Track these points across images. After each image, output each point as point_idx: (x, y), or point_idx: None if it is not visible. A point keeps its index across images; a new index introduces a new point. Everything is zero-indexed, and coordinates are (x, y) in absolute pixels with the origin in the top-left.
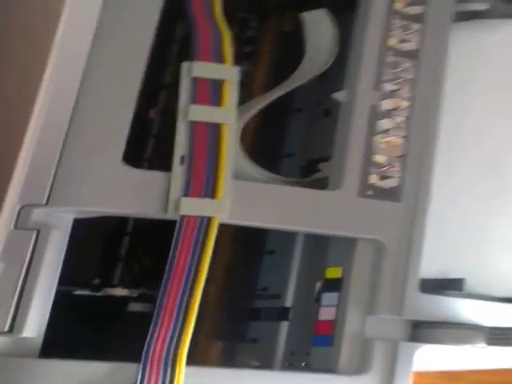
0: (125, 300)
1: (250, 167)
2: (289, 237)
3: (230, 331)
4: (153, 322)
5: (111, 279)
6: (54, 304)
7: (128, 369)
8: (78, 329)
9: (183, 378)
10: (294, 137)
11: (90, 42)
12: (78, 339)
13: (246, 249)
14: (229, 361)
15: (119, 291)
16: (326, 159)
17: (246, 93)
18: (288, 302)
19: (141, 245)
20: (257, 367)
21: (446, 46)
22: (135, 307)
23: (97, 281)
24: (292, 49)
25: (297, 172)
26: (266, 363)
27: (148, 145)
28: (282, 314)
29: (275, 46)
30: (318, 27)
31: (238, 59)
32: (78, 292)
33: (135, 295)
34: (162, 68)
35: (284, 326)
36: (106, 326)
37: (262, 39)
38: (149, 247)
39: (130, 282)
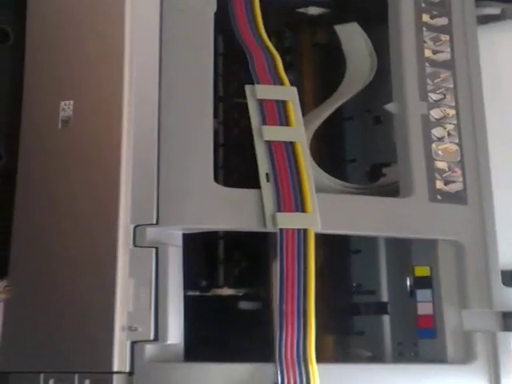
0: (233, 299)
1: (325, 178)
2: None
3: (338, 325)
4: (278, 327)
5: (216, 281)
6: None
7: (267, 369)
8: (198, 329)
9: (317, 374)
10: (352, 143)
11: (157, 80)
12: (200, 338)
13: (334, 249)
14: (343, 353)
15: (226, 291)
16: (388, 164)
17: None
18: (384, 297)
19: (236, 248)
20: (370, 357)
21: (477, 52)
22: (244, 305)
23: (204, 283)
24: (330, 58)
25: (363, 176)
26: (377, 353)
27: (218, 155)
28: (381, 308)
29: (313, 56)
30: (353, 40)
31: None
32: (191, 293)
33: (241, 294)
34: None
35: (385, 319)
36: (221, 325)
37: (299, 49)
38: (243, 249)
39: (233, 283)
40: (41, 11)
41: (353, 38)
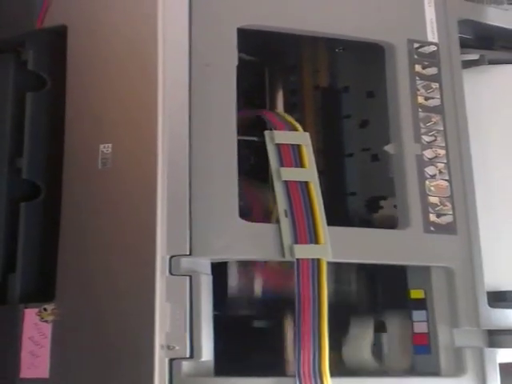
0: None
1: None
2: None
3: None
4: (296, 346)
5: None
6: None
7: (287, 383)
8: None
9: None
10: (352, 178)
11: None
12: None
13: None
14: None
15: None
16: (385, 197)
17: None
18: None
19: None
20: None
21: (463, 97)
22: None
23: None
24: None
25: (361, 208)
26: None
27: None
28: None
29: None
30: None
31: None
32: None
33: (254, 313)
34: None
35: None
36: (237, 342)
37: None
38: None
39: None
40: (80, 59)
41: None
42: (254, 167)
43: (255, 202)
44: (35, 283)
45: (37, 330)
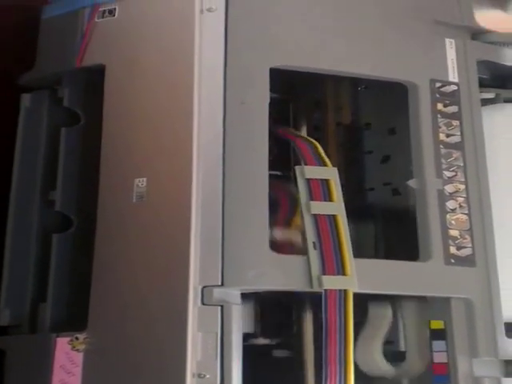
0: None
1: None
2: None
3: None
4: (323, 374)
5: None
6: None
7: None
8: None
9: None
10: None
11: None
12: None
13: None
14: None
15: (261, 340)
16: None
17: None
18: (402, 347)
19: (270, 302)
20: None
21: (482, 133)
22: (278, 353)
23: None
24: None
25: None
26: None
27: None
28: (399, 356)
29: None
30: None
31: None
32: None
33: (274, 343)
34: None
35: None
36: (256, 371)
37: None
38: (277, 304)
39: (268, 333)
40: (116, 96)
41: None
42: None
43: (283, 197)
44: (66, 313)
45: (68, 359)
